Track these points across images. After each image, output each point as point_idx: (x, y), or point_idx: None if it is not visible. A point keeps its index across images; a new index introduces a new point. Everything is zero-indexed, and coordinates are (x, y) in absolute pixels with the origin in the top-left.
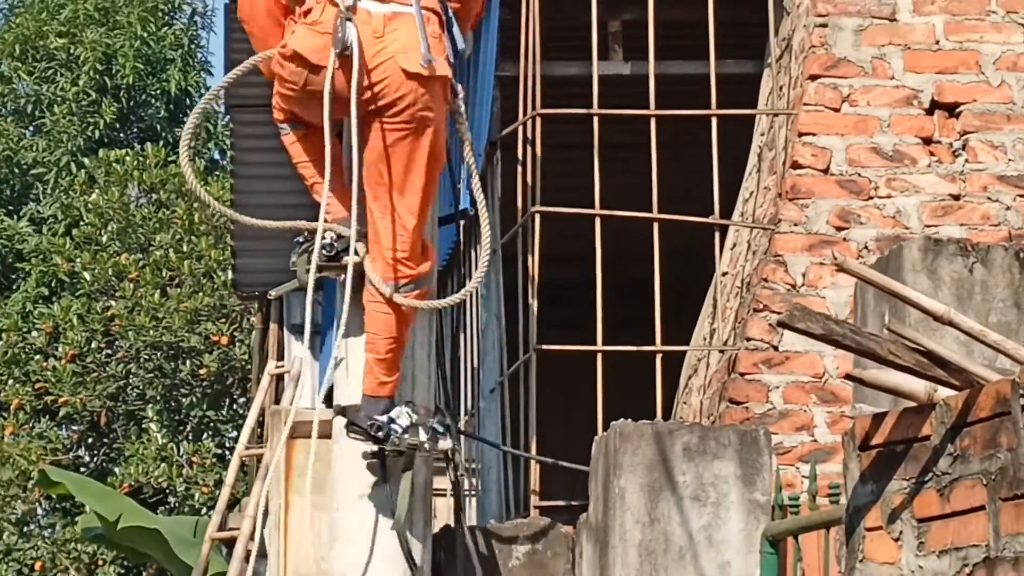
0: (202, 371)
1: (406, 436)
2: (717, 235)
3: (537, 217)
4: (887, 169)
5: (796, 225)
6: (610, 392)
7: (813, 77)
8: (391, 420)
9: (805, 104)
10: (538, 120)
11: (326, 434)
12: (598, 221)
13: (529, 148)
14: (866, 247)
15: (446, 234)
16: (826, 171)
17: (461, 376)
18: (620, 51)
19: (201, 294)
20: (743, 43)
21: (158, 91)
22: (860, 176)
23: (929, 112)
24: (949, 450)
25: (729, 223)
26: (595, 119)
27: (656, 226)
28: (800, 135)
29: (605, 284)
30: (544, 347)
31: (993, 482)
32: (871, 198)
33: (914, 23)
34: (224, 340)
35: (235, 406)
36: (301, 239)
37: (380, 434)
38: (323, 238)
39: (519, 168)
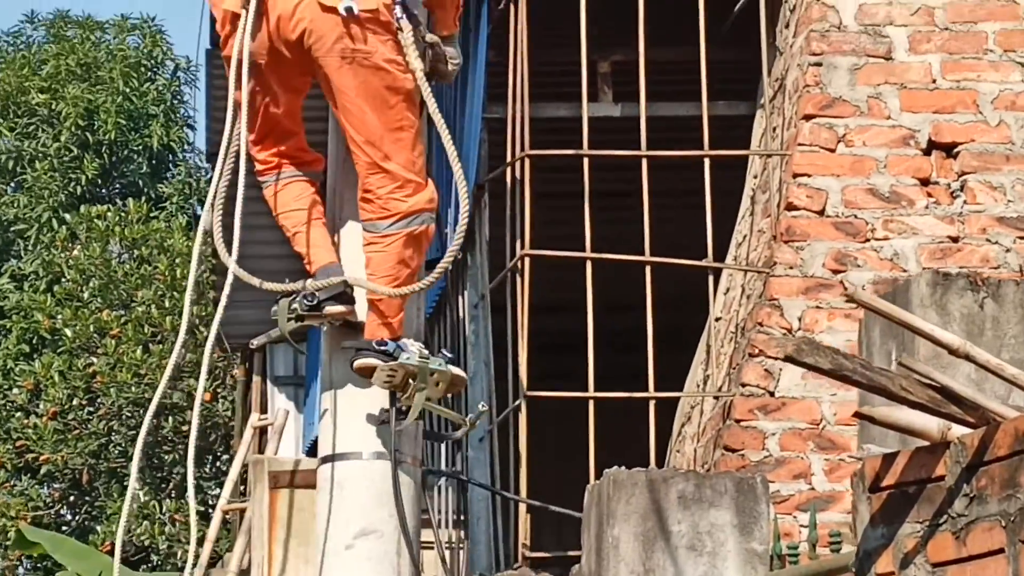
0: (184, 428)
1: (416, 355)
2: (711, 279)
3: (527, 260)
4: (884, 211)
5: (791, 268)
6: (602, 442)
7: (808, 117)
8: (399, 346)
9: (800, 144)
10: (527, 161)
11: (310, 484)
12: (589, 265)
13: (518, 190)
14: (863, 290)
15: None
16: (822, 213)
17: (449, 425)
18: (610, 92)
19: (183, 350)
20: (735, 85)
21: (140, 147)
22: (856, 218)
23: (926, 152)
24: (965, 491)
25: (723, 266)
26: (585, 161)
27: (648, 269)
28: (795, 176)
29: (597, 335)
30: (534, 394)
31: (1012, 524)
32: (868, 240)
33: (910, 62)
34: (207, 396)
35: (218, 463)
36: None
37: (387, 349)
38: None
39: (508, 212)
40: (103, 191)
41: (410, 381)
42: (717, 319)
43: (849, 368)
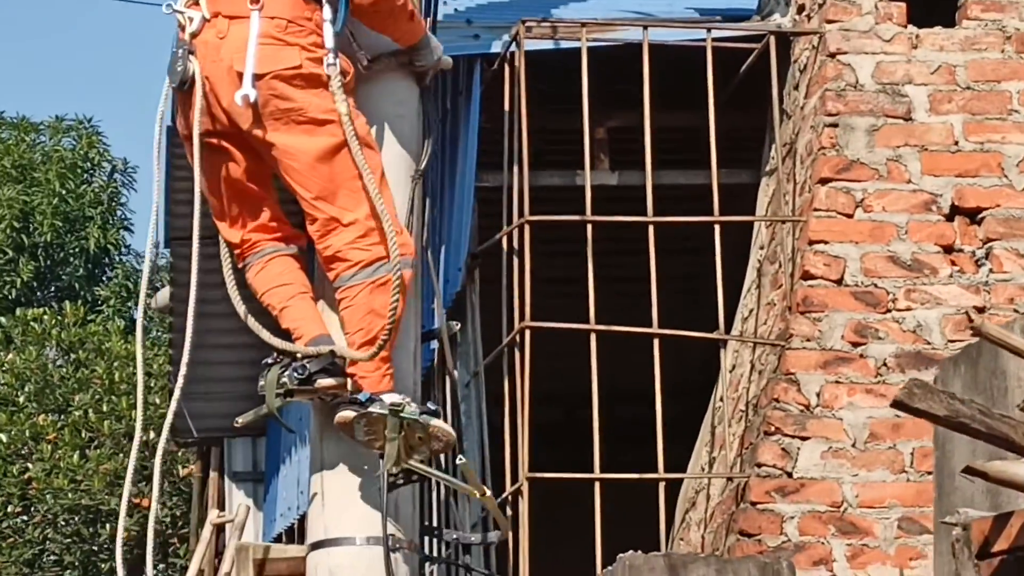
0: (124, 535)
1: (386, 404)
2: (723, 353)
3: (527, 333)
4: (906, 280)
5: (808, 340)
6: (605, 529)
7: (824, 181)
8: (372, 398)
9: (816, 210)
10: (527, 228)
11: (298, 573)
12: (593, 337)
13: (516, 259)
14: (885, 364)
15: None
16: (840, 282)
17: (435, 511)
18: (607, 160)
19: (122, 455)
20: (735, 152)
21: (77, 249)
22: (877, 287)
23: (949, 218)
24: None
25: (739, 339)
26: (588, 228)
27: (657, 342)
28: (811, 243)
29: (583, 427)
30: (536, 475)
31: None
32: (889, 311)
33: (931, 123)
34: (145, 502)
35: (155, 571)
36: (270, 360)
37: (359, 398)
38: (295, 359)
39: (504, 281)
40: (39, 294)
41: (385, 435)
42: (722, 399)
43: (967, 415)
